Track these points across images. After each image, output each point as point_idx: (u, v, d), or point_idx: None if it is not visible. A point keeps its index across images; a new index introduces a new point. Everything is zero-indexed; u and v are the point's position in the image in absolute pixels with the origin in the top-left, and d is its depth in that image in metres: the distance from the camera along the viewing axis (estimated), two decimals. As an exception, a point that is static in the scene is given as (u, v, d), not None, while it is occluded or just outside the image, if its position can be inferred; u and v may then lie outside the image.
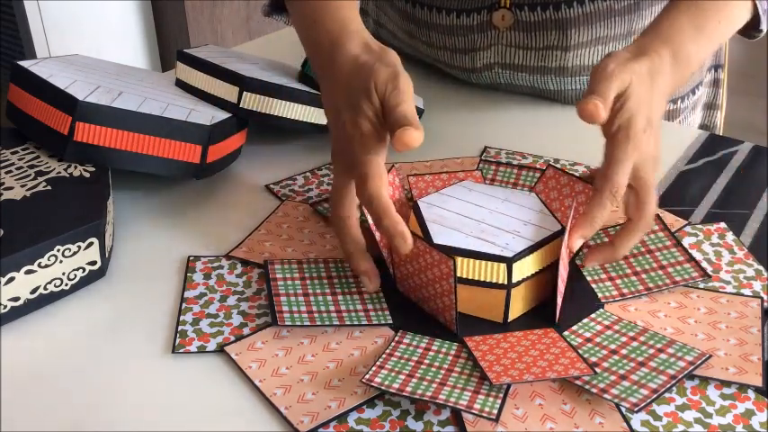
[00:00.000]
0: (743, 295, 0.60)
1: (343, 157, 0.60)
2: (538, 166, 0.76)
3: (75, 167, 0.66)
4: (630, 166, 0.59)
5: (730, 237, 0.67)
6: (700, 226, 0.69)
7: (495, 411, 0.49)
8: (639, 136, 0.59)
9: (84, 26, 2.23)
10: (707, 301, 0.60)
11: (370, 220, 0.58)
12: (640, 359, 0.53)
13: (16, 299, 0.57)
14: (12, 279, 0.56)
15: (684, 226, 0.69)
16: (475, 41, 0.88)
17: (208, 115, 0.71)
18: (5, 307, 0.56)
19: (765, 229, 0.68)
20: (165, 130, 0.67)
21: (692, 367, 0.52)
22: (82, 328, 0.57)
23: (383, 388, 0.50)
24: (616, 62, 0.61)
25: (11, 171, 0.65)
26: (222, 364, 0.54)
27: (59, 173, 0.65)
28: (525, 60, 0.88)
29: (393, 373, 0.52)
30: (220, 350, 0.55)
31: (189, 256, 0.64)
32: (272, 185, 0.75)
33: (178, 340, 0.56)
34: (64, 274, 0.59)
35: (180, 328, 0.57)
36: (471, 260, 0.55)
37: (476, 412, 0.48)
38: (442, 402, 0.49)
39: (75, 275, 0.60)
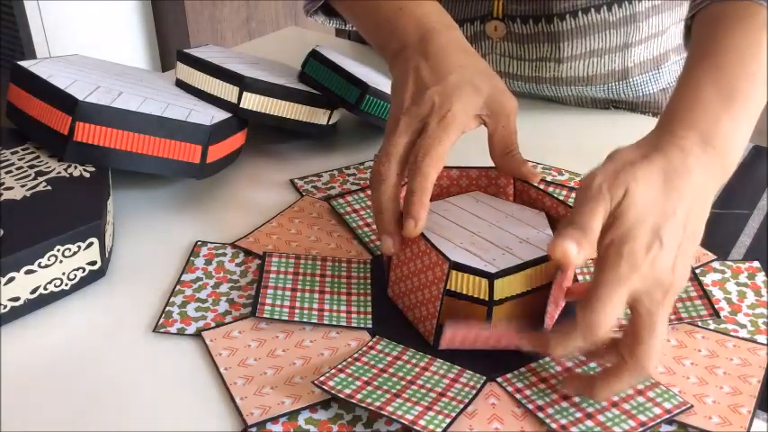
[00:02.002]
0: (754, 342, 0.56)
1: (410, 120, 0.59)
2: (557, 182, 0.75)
3: (75, 167, 0.66)
4: (623, 295, 0.46)
5: (761, 278, 0.63)
6: (730, 263, 0.64)
7: (439, 430, 0.47)
8: (639, 255, 0.47)
9: (84, 26, 2.23)
10: (711, 344, 0.56)
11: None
12: (615, 398, 0.50)
13: (16, 299, 0.57)
14: (12, 279, 0.56)
15: (712, 261, 0.64)
16: None
17: (208, 115, 0.71)
18: (5, 307, 0.56)
19: (765, 229, 0.68)
20: (165, 130, 0.67)
21: (667, 416, 0.49)
22: (82, 328, 0.57)
23: (333, 392, 0.49)
24: (607, 173, 0.49)
25: (11, 171, 0.65)
26: (201, 348, 0.56)
27: (59, 173, 0.65)
28: (519, 70, 0.88)
29: (350, 378, 0.51)
30: (198, 334, 0.56)
31: (197, 242, 0.66)
32: (296, 180, 0.76)
33: (162, 320, 0.57)
34: (64, 274, 0.59)
35: (167, 308, 0.58)
36: (454, 272, 0.53)
37: (418, 429, 0.47)
38: (386, 414, 0.48)
39: (75, 275, 0.59)
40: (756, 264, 0.64)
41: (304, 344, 0.55)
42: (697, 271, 0.63)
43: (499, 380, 0.53)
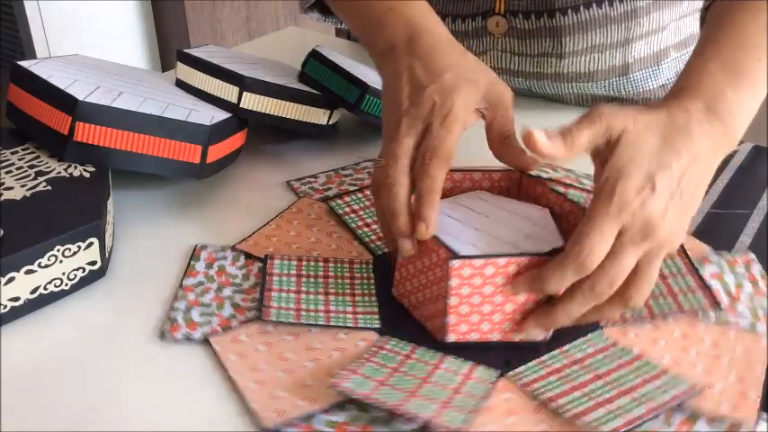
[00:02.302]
0: (754, 331, 0.58)
1: (412, 121, 0.59)
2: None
3: (75, 167, 0.66)
4: (611, 229, 0.50)
5: (757, 269, 0.64)
6: (726, 254, 0.65)
7: (461, 426, 0.47)
8: (630, 193, 0.50)
9: (84, 26, 2.23)
10: (714, 334, 0.57)
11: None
12: (625, 387, 0.51)
13: (16, 299, 0.57)
14: (12, 279, 0.56)
15: (709, 254, 0.66)
16: (470, 47, 0.88)
17: (208, 115, 0.71)
18: (5, 307, 0.56)
19: (765, 229, 0.68)
20: (165, 130, 0.67)
21: (679, 400, 0.50)
22: (82, 328, 0.57)
23: (348, 393, 0.49)
24: (613, 109, 0.52)
25: (11, 171, 0.65)
26: (210, 354, 0.55)
27: (59, 173, 0.65)
28: (521, 66, 0.88)
29: (364, 379, 0.51)
30: (205, 340, 0.55)
31: (196, 245, 0.65)
32: (292, 182, 0.75)
33: (167, 327, 0.56)
34: (64, 274, 0.59)
35: (171, 314, 0.58)
36: None
37: (439, 425, 0.47)
38: (402, 413, 0.47)
39: (75, 275, 0.59)
40: (752, 255, 0.65)
41: (313, 346, 0.55)
42: (696, 264, 0.63)
43: (511, 374, 0.53)
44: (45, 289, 0.58)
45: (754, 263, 0.64)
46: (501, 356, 0.54)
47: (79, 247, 0.59)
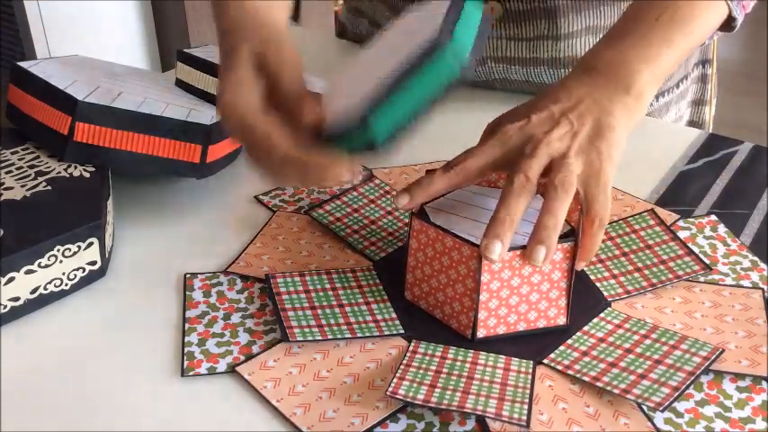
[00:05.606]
0: (743, 287, 0.61)
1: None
2: None
3: (75, 167, 0.66)
4: (493, 155, 0.57)
5: (722, 229, 0.68)
6: (692, 219, 0.69)
7: (525, 417, 0.48)
8: (500, 130, 0.58)
9: (84, 26, 2.23)
10: (710, 295, 0.60)
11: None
12: (656, 357, 0.53)
13: (16, 299, 0.57)
14: (12, 279, 0.56)
15: (677, 220, 0.69)
16: None
17: (208, 115, 0.71)
18: (5, 307, 0.56)
19: (765, 229, 0.68)
20: (164, 130, 0.67)
21: (708, 362, 0.52)
22: (82, 328, 0.57)
23: (408, 400, 0.49)
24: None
25: (11, 171, 0.65)
26: (234, 384, 0.53)
27: (59, 173, 0.65)
28: (517, 52, 0.88)
29: (415, 384, 0.50)
30: (231, 370, 0.53)
31: (185, 274, 0.62)
32: (261, 196, 0.73)
33: (186, 363, 0.54)
34: (64, 274, 0.59)
35: (186, 349, 0.55)
36: None
37: (506, 419, 0.47)
38: (470, 411, 0.48)
39: (75, 275, 0.60)
40: (713, 217, 0.69)
41: (345, 360, 0.54)
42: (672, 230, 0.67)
43: (546, 361, 0.54)
44: (45, 289, 0.58)
45: (719, 224, 0.68)
46: (527, 346, 0.55)
47: (79, 247, 0.59)
